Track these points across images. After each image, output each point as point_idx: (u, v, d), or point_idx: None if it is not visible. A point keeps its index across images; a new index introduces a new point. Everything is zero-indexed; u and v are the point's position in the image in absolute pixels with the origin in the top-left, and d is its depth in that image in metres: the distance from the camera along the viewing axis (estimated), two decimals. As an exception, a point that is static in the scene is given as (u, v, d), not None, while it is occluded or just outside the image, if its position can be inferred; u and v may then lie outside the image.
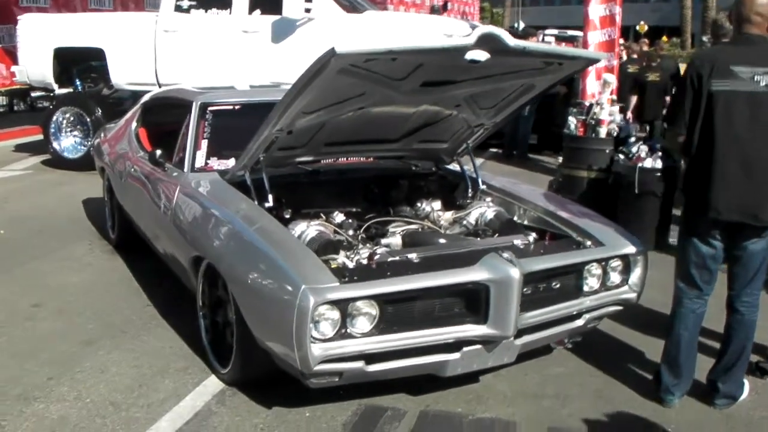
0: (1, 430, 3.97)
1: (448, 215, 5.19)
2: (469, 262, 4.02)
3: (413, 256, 4.17)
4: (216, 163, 5.29)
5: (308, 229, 4.41)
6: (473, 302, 4.00)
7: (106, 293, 5.94)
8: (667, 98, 10.56)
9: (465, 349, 4.06)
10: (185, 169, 5.20)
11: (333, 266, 3.99)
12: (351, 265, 4.07)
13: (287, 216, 4.72)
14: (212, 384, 4.52)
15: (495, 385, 4.61)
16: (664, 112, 10.60)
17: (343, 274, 3.81)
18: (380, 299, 3.80)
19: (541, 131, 12.50)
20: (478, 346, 4.08)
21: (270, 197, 4.61)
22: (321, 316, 3.68)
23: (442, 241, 4.60)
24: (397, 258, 4.15)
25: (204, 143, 5.32)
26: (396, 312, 3.89)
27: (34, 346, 4.97)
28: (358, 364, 3.83)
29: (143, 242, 6.16)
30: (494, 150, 12.93)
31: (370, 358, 3.85)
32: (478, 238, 4.76)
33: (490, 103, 4.97)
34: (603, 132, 8.00)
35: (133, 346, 5.01)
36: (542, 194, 5.46)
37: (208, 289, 4.69)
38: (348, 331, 3.78)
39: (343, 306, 3.73)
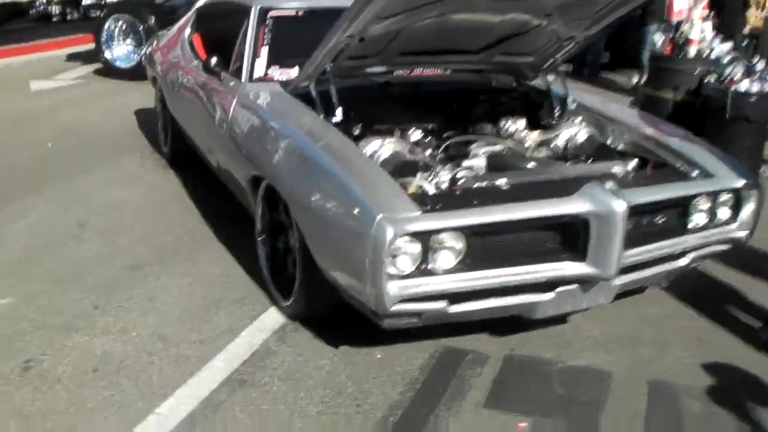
0: (38, 365, 3.52)
1: (534, 136, 4.56)
2: (565, 191, 3.44)
3: (502, 182, 3.59)
4: (277, 73, 4.70)
5: (381, 147, 3.84)
6: (570, 237, 3.44)
7: (156, 211, 5.46)
8: (748, 12, 9.72)
9: (559, 289, 3.51)
10: (243, 79, 4.63)
11: (411, 191, 3.42)
12: (432, 190, 3.49)
13: (356, 132, 4.14)
14: (271, 318, 4.04)
15: (585, 327, 4.06)
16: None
17: (423, 202, 3.25)
18: (467, 231, 3.25)
19: (613, 49, 11.63)
20: (573, 286, 3.52)
21: (338, 111, 4.03)
22: (399, 249, 3.15)
23: (531, 165, 3.99)
24: (484, 184, 3.57)
25: (263, 51, 4.73)
26: (483, 246, 3.33)
27: (78, 269, 4.52)
28: (440, 304, 3.30)
29: (197, 156, 5.64)
30: (563, 68, 12.07)
31: (454, 297, 3.32)
32: (570, 164, 4.13)
33: (584, 14, 4.30)
34: (692, 52, 7.22)
35: (184, 270, 4.54)
36: (638, 115, 4.80)
37: (268, 213, 4.16)
38: (429, 267, 3.24)
39: (424, 238, 3.18)
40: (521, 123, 4.63)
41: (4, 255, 4.71)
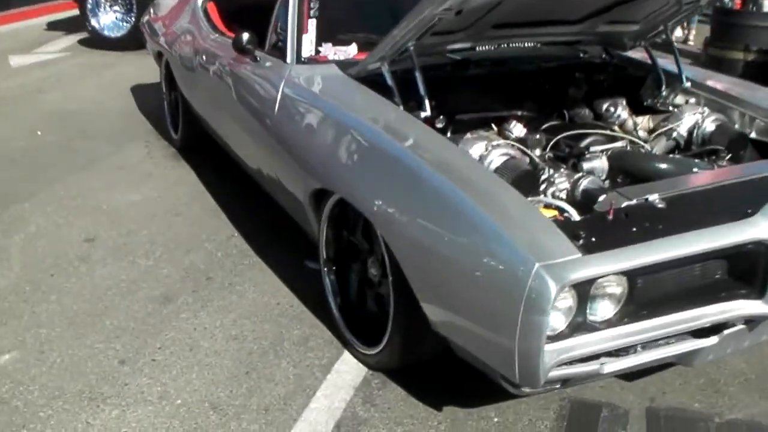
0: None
1: (645, 123, 3.67)
2: (737, 207, 2.58)
3: (654, 198, 2.67)
4: (330, 52, 3.74)
5: (489, 150, 2.93)
6: (745, 269, 2.58)
7: (175, 218, 4.53)
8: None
9: (726, 332, 2.64)
10: (288, 59, 3.68)
11: (549, 217, 2.55)
12: (574, 213, 2.61)
13: (439, 126, 3.23)
14: (348, 368, 3.18)
15: (728, 362, 3.20)
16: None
17: (576, 235, 2.36)
18: (633, 273, 2.38)
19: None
20: (741, 326, 2.66)
21: (426, 103, 3.12)
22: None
23: (668, 167, 3.10)
24: (634, 202, 2.66)
25: (311, 24, 3.75)
26: (646, 288, 2.48)
27: (94, 305, 3.61)
28: (595, 366, 2.46)
29: (215, 143, 4.70)
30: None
31: (609, 354, 2.48)
32: (719, 165, 3.25)
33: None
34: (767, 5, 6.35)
35: (225, 301, 3.64)
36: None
37: (336, 234, 3.26)
38: (587, 320, 2.40)
39: (584, 287, 2.33)
40: (623, 106, 3.73)
41: (1, 281, 3.77)
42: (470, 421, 2.88)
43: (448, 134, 3.24)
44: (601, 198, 2.73)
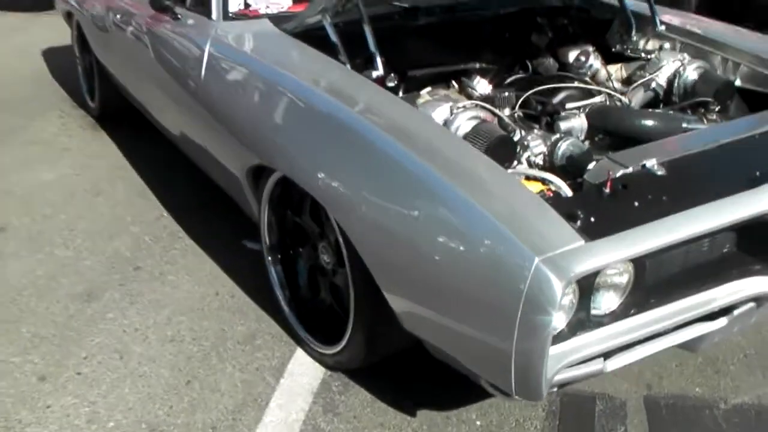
0: None
1: (617, 73, 3.26)
2: (742, 171, 2.23)
3: (652, 164, 2.26)
4: (262, 5, 3.24)
5: (457, 113, 2.49)
6: (754, 241, 2.23)
7: (96, 199, 4.01)
8: None
9: (736, 312, 2.27)
10: (213, 16, 3.17)
11: (537, 193, 2.15)
12: (565, 188, 2.20)
13: (390, 84, 2.78)
14: (303, 371, 2.76)
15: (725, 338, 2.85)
16: None
17: (574, 216, 1.94)
18: (640, 258, 1.99)
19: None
20: (750, 305, 2.29)
21: (378, 59, 2.66)
22: (555, 303, 1.86)
23: (656, 124, 2.70)
24: (630, 170, 2.24)
25: (236, -27, 3.24)
26: (653, 273, 2.11)
27: (8, 308, 3.10)
28: (598, 365, 2.08)
29: (137, 110, 4.17)
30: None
31: (613, 350, 2.08)
32: (702, 117, 2.86)
33: None
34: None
35: (157, 295, 3.17)
36: (754, 35, 3.49)
37: (279, 216, 2.80)
38: (590, 315, 2.02)
39: (588, 279, 1.94)
40: (595, 55, 3.31)
41: None
42: (449, 427, 2.50)
43: (400, 94, 2.78)
44: (591, 166, 2.32)
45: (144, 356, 2.79)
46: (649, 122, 2.70)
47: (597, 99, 2.88)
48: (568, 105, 2.81)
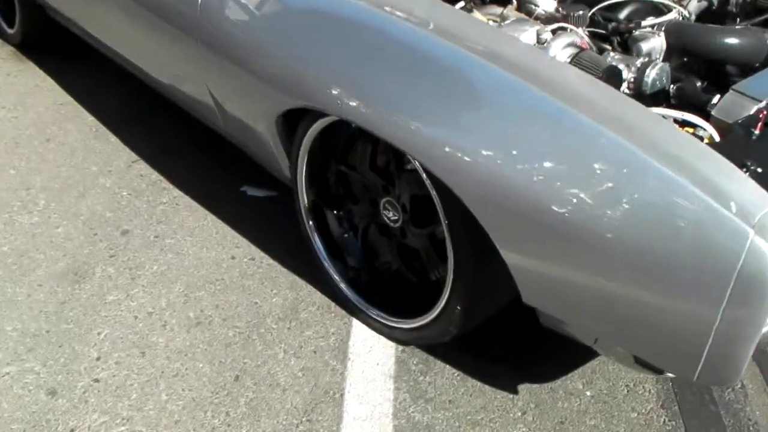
0: None
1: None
2: None
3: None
4: None
5: (550, 40, 2.03)
6: None
7: (46, 145, 3.33)
8: None
9: None
10: None
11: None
12: (712, 132, 1.78)
13: None
14: (369, 345, 2.31)
15: None
16: None
17: (743, 164, 1.55)
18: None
19: None
20: None
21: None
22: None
23: (740, 41, 2.27)
24: (764, 103, 1.84)
25: None
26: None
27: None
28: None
29: (75, 35, 3.48)
30: None
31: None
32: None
33: None
34: None
35: (160, 265, 2.63)
36: None
37: (316, 171, 2.29)
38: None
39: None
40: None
41: None
42: (559, 402, 2.10)
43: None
44: (716, 100, 1.90)
45: (171, 349, 2.27)
46: (733, 40, 2.27)
47: (671, 15, 2.41)
48: (643, 23, 2.34)
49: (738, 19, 2.50)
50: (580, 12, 2.23)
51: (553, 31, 2.07)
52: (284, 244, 2.67)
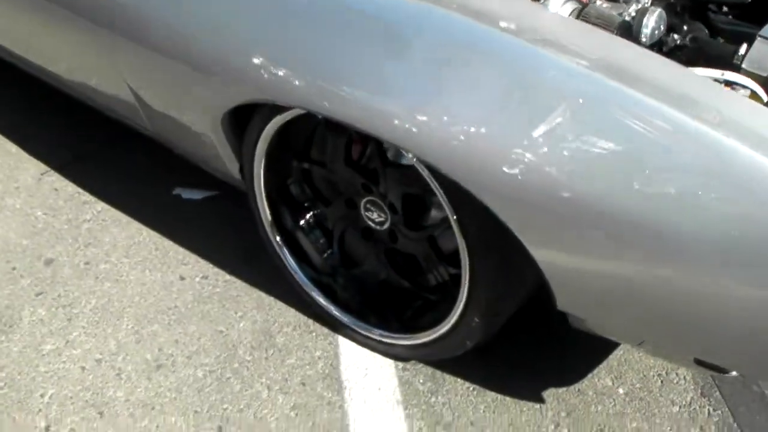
0: None
1: None
2: None
3: None
4: None
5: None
6: None
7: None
8: None
9: None
10: None
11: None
12: (760, 92, 1.51)
13: None
14: (366, 369, 1.97)
15: None
16: None
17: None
18: None
19: None
20: None
21: None
22: None
23: None
24: None
25: None
26: None
27: None
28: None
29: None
30: None
31: None
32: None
33: None
34: None
35: (100, 297, 2.24)
36: None
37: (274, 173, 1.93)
38: None
39: None
40: None
41: None
42: (592, 406, 1.83)
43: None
44: (743, 50, 1.63)
45: (134, 403, 1.89)
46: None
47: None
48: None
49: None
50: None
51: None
52: (239, 254, 2.29)
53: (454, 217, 1.57)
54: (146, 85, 2.05)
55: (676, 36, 1.74)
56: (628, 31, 1.67)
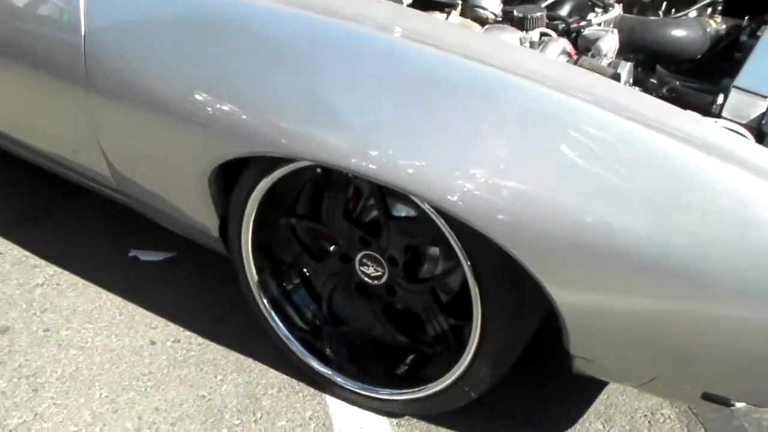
0: None
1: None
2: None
3: None
4: None
5: (540, 48, 1.76)
6: None
7: None
8: None
9: None
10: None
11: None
12: (750, 139, 1.59)
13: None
14: (360, 429, 1.88)
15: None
16: None
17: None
18: None
19: None
20: None
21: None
22: None
23: (685, 33, 2.13)
24: None
25: None
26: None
27: None
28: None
29: None
30: None
31: None
32: (711, 18, 2.32)
33: None
34: None
35: (65, 367, 2.10)
36: None
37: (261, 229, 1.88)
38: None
39: None
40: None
41: None
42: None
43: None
44: (720, 100, 1.71)
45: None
46: (679, 32, 2.13)
47: (616, 10, 2.20)
48: (594, 21, 2.11)
49: (672, 9, 2.33)
50: (537, 14, 1.97)
51: (544, 39, 1.78)
52: (209, 314, 2.21)
53: (468, 263, 1.56)
54: (120, 145, 1.96)
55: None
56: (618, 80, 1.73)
